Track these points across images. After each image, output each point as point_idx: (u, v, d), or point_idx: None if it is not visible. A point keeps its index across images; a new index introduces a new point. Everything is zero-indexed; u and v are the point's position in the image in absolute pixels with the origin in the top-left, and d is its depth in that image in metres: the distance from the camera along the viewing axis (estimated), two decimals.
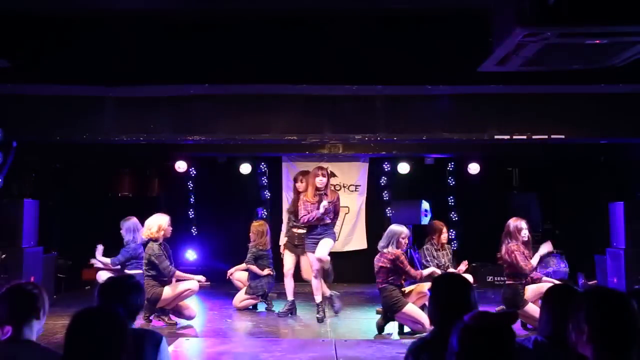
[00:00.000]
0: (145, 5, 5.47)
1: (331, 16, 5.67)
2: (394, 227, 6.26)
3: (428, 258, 6.98)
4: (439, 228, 7.14)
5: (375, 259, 6.18)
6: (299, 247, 7.17)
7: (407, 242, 6.29)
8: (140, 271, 6.59)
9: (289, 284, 7.18)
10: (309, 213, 6.64)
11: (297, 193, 7.22)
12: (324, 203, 6.52)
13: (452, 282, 2.65)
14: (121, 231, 7.17)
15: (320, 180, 6.64)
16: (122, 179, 10.10)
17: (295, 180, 7.35)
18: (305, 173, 7.22)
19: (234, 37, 5.87)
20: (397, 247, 6.07)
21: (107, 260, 7.24)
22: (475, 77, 5.56)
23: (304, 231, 6.90)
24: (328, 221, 6.69)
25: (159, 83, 6.44)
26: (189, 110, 7.12)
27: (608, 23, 3.61)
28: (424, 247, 7.12)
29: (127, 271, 6.74)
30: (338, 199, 6.88)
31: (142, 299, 2.83)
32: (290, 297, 7.14)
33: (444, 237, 7.15)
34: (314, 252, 6.62)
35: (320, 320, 6.68)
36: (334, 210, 6.76)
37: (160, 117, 7.17)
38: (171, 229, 6.79)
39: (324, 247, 6.60)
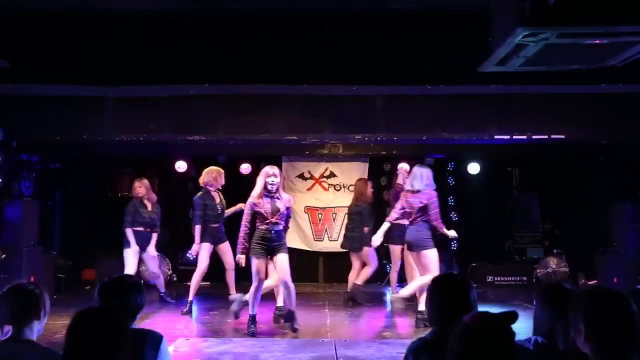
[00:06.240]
0: (145, 6, 5.47)
1: (331, 16, 5.68)
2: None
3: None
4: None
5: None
6: None
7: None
8: None
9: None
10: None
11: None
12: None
13: (452, 282, 2.65)
14: None
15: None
16: (122, 179, 10.08)
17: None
18: None
19: (234, 37, 5.87)
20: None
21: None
22: (475, 77, 5.56)
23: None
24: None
25: (159, 83, 6.44)
26: (189, 110, 7.12)
27: (608, 23, 3.61)
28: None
29: None
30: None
31: (142, 299, 2.82)
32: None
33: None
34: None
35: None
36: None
37: (160, 117, 7.17)
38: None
39: None
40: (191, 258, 7.62)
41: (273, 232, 5.91)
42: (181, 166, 9.80)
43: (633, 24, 3.62)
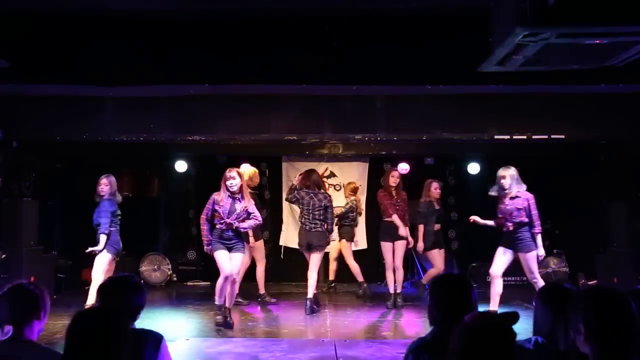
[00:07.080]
0: (145, 6, 5.47)
1: (331, 16, 5.68)
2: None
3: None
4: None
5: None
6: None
7: None
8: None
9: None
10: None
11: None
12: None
13: (452, 282, 2.65)
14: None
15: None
16: (122, 178, 10.08)
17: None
18: None
19: (234, 36, 5.87)
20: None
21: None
22: (475, 77, 5.56)
23: None
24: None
25: (158, 83, 6.44)
26: (189, 110, 7.12)
27: (608, 23, 3.61)
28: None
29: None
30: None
31: (143, 299, 2.82)
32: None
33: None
34: None
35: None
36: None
37: (160, 117, 7.18)
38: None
39: None
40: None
41: (230, 232, 6.08)
42: (181, 166, 9.80)
43: (633, 24, 3.62)
